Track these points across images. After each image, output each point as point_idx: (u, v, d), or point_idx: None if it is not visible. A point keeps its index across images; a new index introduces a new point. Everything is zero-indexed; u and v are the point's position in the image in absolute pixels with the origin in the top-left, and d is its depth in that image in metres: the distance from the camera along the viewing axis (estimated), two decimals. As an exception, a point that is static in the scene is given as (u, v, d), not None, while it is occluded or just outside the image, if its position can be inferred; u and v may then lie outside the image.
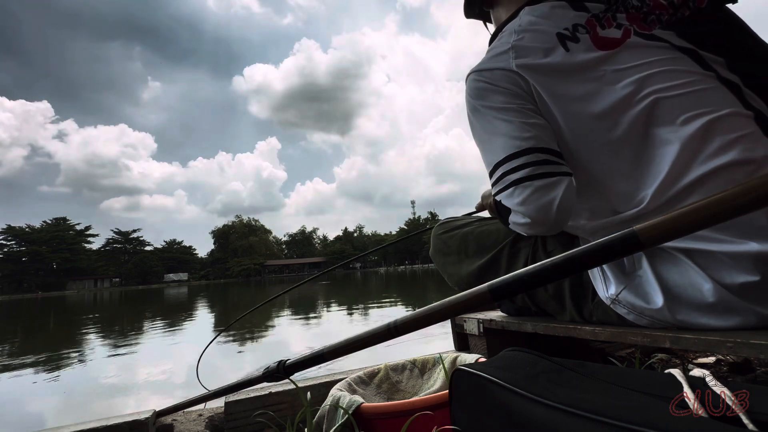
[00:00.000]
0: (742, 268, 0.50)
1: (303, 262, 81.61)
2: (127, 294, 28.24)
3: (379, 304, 6.39)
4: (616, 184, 0.58)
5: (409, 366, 0.88)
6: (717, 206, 0.37)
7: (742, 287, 0.50)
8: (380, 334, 0.60)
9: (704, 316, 0.55)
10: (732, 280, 0.51)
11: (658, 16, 0.58)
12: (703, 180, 0.51)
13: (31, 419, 2.06)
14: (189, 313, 7.57)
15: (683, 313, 0.56)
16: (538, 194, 0.57)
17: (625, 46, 0.56)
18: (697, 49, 0.56)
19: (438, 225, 0.97)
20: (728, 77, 0.54)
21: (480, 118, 0.63)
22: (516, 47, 0.60)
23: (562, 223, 0.59)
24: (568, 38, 0.58)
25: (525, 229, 0.61)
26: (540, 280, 0.47)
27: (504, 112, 0.60)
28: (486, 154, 0.63)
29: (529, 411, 0.37)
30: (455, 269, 0.89)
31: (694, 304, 0.55)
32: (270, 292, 14.09)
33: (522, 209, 0.58)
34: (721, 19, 0.59)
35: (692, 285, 0.54)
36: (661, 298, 0.57)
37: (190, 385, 2.34)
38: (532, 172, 0.57)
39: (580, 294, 0.71)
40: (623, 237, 0.41)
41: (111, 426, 0.73)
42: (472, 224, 0.90)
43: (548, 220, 0.57)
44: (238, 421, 0.81)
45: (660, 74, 0.54)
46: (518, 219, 0.60)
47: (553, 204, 0.56)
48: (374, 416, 0.63)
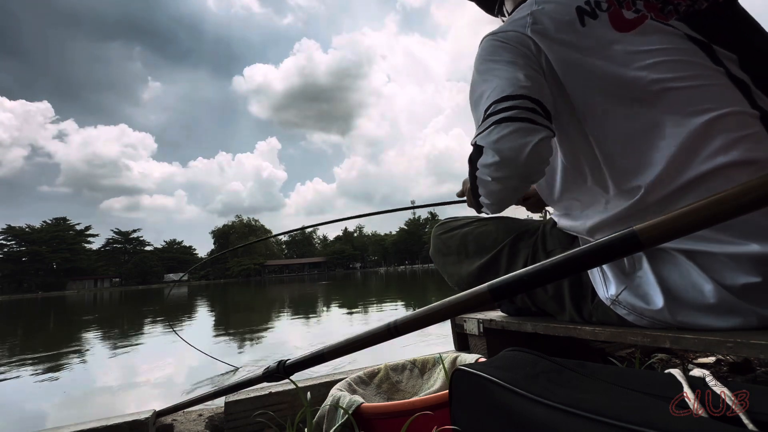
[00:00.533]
0: (743, 269, 0.50)
1: (303, 262, 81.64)
2: (127, 294, 28.25)
3: (379, 308, 6.39)
4: (615, 160, 0.58)
5: (409, 366, 0.88)
6: (717, 206, 0.37)
7: (743, 288, 0.50)
8: (380, 334, 0.60)
9: (705, 317, 0.54)
10: (733, 281, 0.51)
11: (676, 7, 0.58)
12: (703, 178, 0.50)
13: (31, 419, 2.06)
14: (189, 314, 7.57)
15: (684, 314, 0.56)
16: (516, 135, 0.56)
17: (641, 30, 0.56)
18: (711, 42, 0.55)
19: (438, 225, 0.97)
20: (738, 75, 0.54)
21: (482, 72, 0.63)
22: (534, 14, 0.61)
23: (532, 173, 0.59)
24: (587, 13, 0.58)
25: (491, 171, 0.59)
26: (540, 280, 0.47)
27: (508, 65, 0.60)
28: (477, 108, 0.62)
29: (529, 411, 0.37)
30: (455, 269, 0.89)
31: (695, 305, 0.54)
32: (270, 293, 14.09)
33: (495, 146, 0.57)
34: (735, 15, 0.59)
35: (693, 286, 0.54)
36: (662, 299, 0.57)
37: (189, 385, 2.34)
38: (518, 114, 0.56)
39: (579, 294, 0.70)
40: (623, 237, 0.41)
41: (111, 426, 0.73)
42: (471, 224, 0.90)
43: (518, 160, 0.56)
44: (238, 421, 0.81)
45: (672, 63, 0.54)
46: (488, 159, 0.58)
47: (527, 146, 0.55)
48: (374, 416, 0.63)
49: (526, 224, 0.85)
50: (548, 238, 0.77)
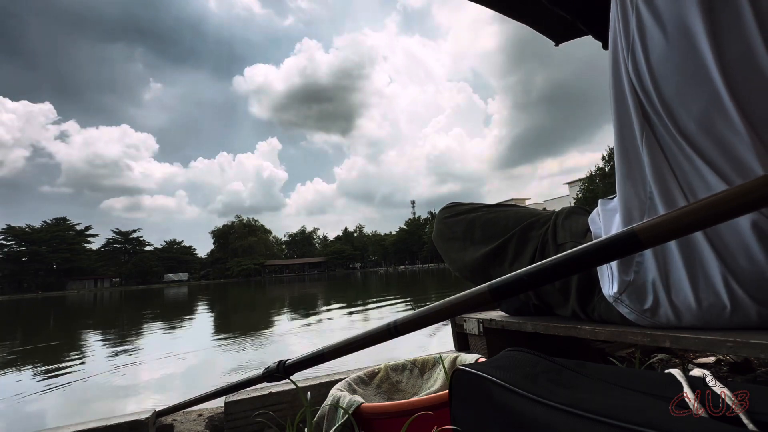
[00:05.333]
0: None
1: (303, 262, 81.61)
2: (127, 294, 28.23)
3: (378, 307, 6.39)
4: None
5: (409, 366, 0.88)
6: (717, 206, 0.37)
7: (747, 284, 0.50)
8: (380, 334, 0.60)
9: (707, 315, 0.54)
10: (736, 277, 0.50)
11: None
12: None
13: (30, 419, 2.06)
14: (189, 314, 7.57)
15: (685, 311, 0.56)
16: None
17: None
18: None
19: (443, 209, 0.94)
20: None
21: None
22: None
23: None
24: None
25: None
26: (540, 280, 0.47)
27: None
28: None
29: (529, 411, 0.37)
30: (459, 255, 0.86)
31: (697, 303, 0.54)
32: (270, 293, 14.08)
33: None
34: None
35: (695, 285, 0.54)
36: (665, 298, 0.56)
37: (189, 385, 2.34)
38: None
39: (586, 288, 0.69)
40: (623, 237, 0.41)
41: (111, 426, 0.73)
42: (479, 210, 0.87)
43: None
44: (238, 421, 0.81)
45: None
46: None
47: None
48: (374, 416, 0.63)
49: (537, 214, 0.82)
50: (559, 230, 0.74)
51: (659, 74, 0.48)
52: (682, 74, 0.46)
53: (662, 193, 0.51)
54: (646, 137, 0.51)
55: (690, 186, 0.49)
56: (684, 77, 0.46)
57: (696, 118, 0.46)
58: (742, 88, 0.43)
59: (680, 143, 0.48)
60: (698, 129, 0.46)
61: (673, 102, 0.47)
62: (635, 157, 0.53)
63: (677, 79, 0.46)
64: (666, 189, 0.50)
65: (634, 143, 0.52)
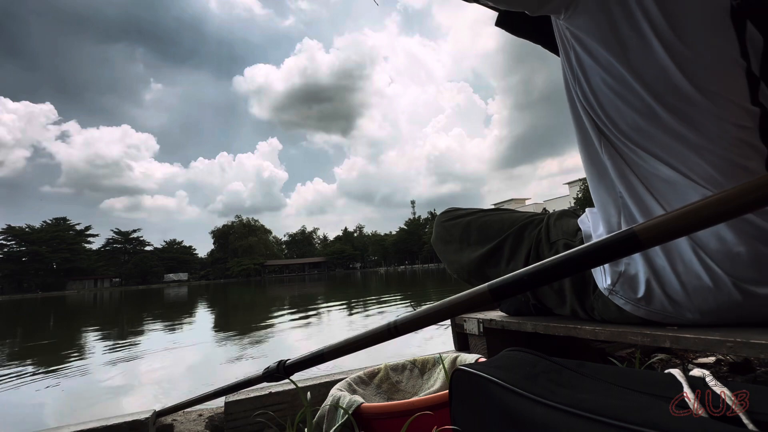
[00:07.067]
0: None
1: (303, 262, 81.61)
2: (127, 294, 28.24)
3: (378, 306, 6.39)
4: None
5: (409, 366, 0.88)
6: (717, 206, 0.37)
7: (731, 264, 0.52)
8: (380, 334, 0.60)
9: (694, 298, 0.56)
10: (721, 258, 0.52)
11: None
12: None
13: (30, 419, 2.05)
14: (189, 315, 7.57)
15: (674, 296, 0.57)
16: None
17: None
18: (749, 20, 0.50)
19: (442, 213, 0.98)
20: (754, 69, 0.50)
21: None
22: None
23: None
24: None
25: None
26: (540, 280, 0.47)
27: None
28: None
29: (529, 411, 0.37)
30: (456, 257, 0.89)
31: (683, 288, 0.56)
32: (270, 293, 14.08)
33: None
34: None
35: (676, 270, 0.56)
36: (655, 286, 0.58)
37: (189, 385, 2.34)
38: None
39: (581, 287, 0.71)
40: (623, 237, 0.41)
41: (111, 426, 0.73)
42: (475, 214, 0.91)
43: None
44: (238, 421, 0.81)
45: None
46: None
47: None
48: (374, 416, 0.63)
49: (531, 216, 0.86)
50: (552, 229, 0.78)
51: (600, 95, 0.57)
52: (615, 94, 0.55)
53: (628, 189, 0.58)
54: (605, 146, 0.59)
55: (648, 180, 0.56)
56: (617, 96, 0.55)
57: (632, 126, 0.55)
58: (667, 99, 0.51)
59: (631, 147, 0.56)
60: (638, 134, 0.55)
61: (614, 115, 0.56)
62: (600, 164, 0.61)
63: (612, 98, 0.56)
64: (631, 186, 0.58)
65: (597, 153, 0.61)
